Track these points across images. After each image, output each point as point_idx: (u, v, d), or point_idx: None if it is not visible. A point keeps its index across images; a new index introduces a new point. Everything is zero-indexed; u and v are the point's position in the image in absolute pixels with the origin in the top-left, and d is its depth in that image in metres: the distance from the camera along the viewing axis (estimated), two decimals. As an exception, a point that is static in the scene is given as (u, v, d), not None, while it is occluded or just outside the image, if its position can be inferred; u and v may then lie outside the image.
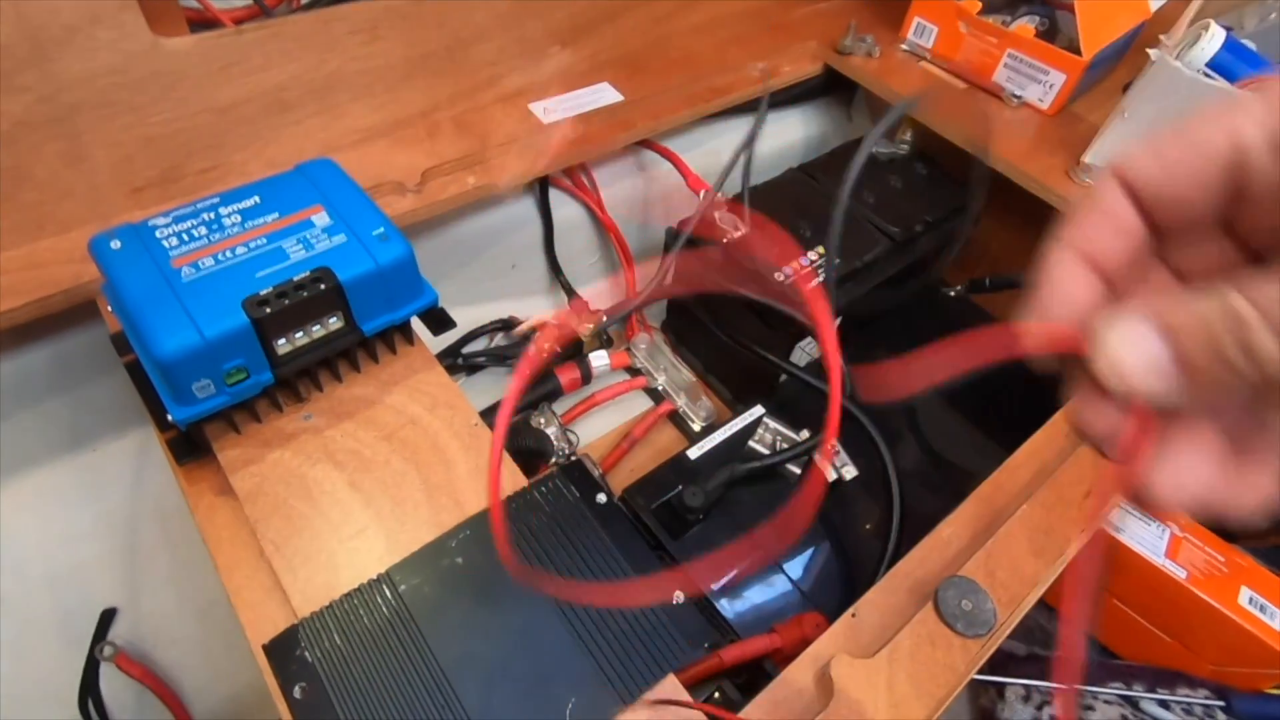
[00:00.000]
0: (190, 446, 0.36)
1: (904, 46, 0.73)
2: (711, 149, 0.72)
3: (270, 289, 0.34)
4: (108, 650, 0.52)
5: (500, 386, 0.64)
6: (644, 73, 0.65)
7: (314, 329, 0.36)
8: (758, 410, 0.58)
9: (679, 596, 0.33)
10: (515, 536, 0.34)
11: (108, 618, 0.52)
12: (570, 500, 0.36)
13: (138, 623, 0.54)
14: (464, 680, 0.29)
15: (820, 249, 0.58)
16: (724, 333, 0.60)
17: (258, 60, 0.45)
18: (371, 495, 0.35)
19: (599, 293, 0.72)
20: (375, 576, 0.32)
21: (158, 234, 0.35)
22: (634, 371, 0.67)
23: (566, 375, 0.62)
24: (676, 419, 0.65)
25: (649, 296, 0.67)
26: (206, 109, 0.45)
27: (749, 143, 0.60)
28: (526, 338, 0.64)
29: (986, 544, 0.37)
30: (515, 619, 0.31)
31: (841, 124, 0.80)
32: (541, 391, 0.61)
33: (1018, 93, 0.67)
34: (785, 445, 0.56)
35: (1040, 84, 0.66)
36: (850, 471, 0.55)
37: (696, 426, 0.64)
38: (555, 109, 0.59)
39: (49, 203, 0.43)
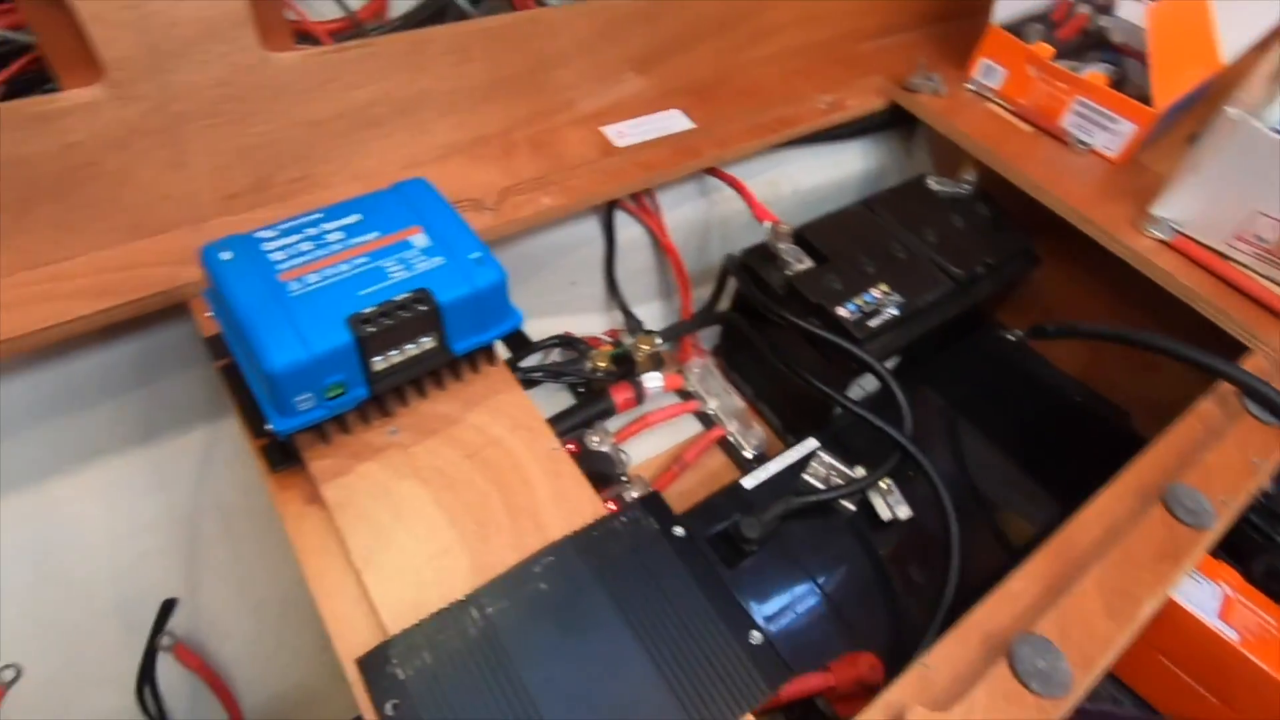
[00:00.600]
0: (283, 455, 0.37)
1: (970, 86, 0.73)
2: (770, 178, 0.73)
3: (373, 308, 0.35)
4: (166, 640, 0.53)
5: (554, 402, 0.65)
6: (713, 101, 0.66)
7: (408, 348, 0.37)
8: (812, 443, 0.59)
9: (756, 637, 0.33)
10: (597, 566, 0.34)
11: (168, 608, 0.54)
12: (650, 532, 0.36)
13: (195, 614, 0.55)
14: (550, 706, 0.30)
15: (884, 286, 0.58)
16: (782, 362, 0.60)
17: (354, 77, 0.46)
18: (455, 514, 0.36)
19: (653, 313, 0.72)
20: (463, 597, 0.33)
21: (264, 246, 0.36)
22: (685, 395, 0.68)
23: (621, 395, 0.62)
24: (726, 445, 0.66)
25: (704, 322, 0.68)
26: (301, 122, 0.46)
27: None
28: (584, 355, 0.65)
29: (1059, 601, 0.37)
30: (599, 648, 0.32)
31: (900, 158, 0.81)
32: (596, 409, 0.62)
33: (1084, 139, 0.67)
34: (839, 480, 0.56)
35: (1109, 132, 0.66)
36: (904, 511, 0.55)
37: (747, 454, 0.64)
38: (627, 133, 0.60)
39: (148, 205, 0.44)
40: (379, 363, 0.36)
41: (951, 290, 0.60)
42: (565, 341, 0.66)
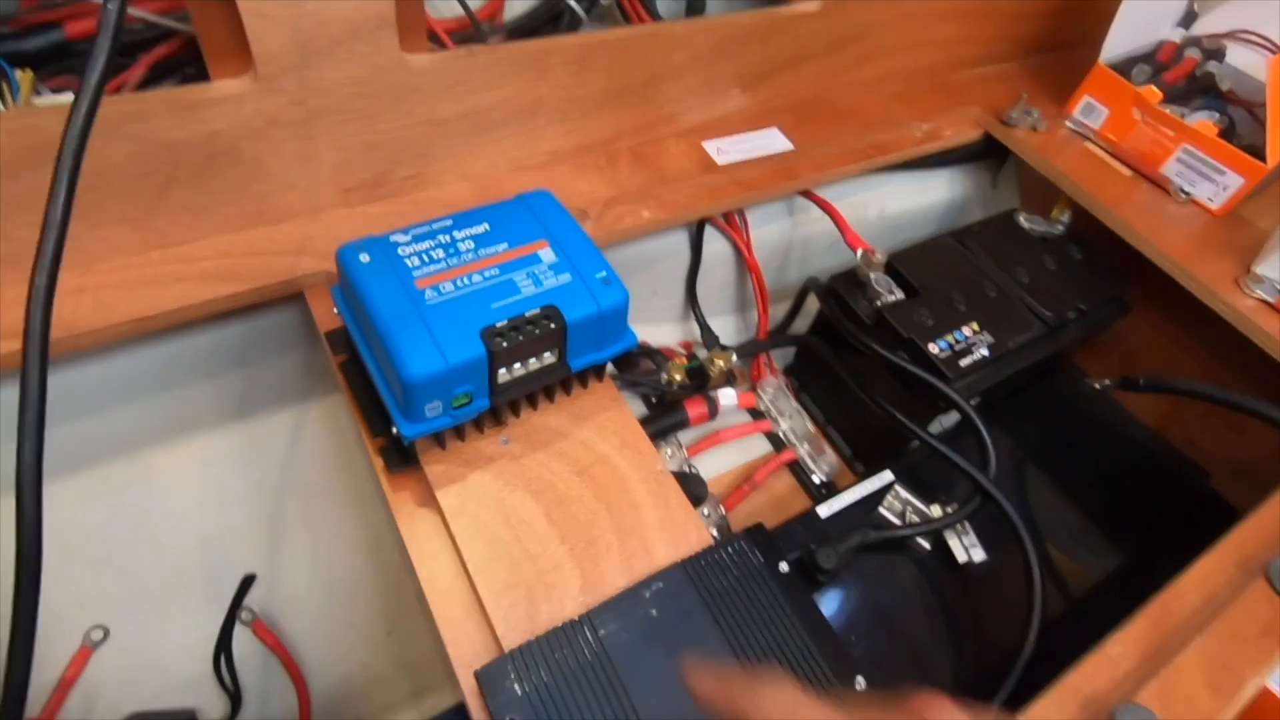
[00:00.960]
0: (402, 457, 0.38)
1: (1069, 124, 0.72)
2: (858, 201, 0.72)
3: (505, 322, 0.35)
4: (245, 615, 0.54)
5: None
6: (812, 120, 0.65)
7: (531, 362, 0.37)
8: (888, 476, 0.58)
9: (861, 683, 0.34)
10: (705, 596, 0.35)
11: (247, 583, 0.55)
12: (755, 565, 0.36)
13: (271, 591, 0.56)
14: (663, 735, 0.30)
15: (975, 324, 0.58)
16: (864, 392, 0.60)
17: (479, 81, 0.47)
18: (566, 530, 0.37)
19: (730, 328, 0.72)
20: (577, 617, 0.33)
21: (400, 251, 0.37)
22: (757, 414, 0.68)
23: (695, 409, 0.63)
24: (795, 468, 0.66)
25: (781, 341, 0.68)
26: (424, 121, 0.47)
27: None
28: (660, 366, 0.65)
29: (1160, 672, 0.36)
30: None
31: (985, 191, 0.79)
32: (670, 422, 0.62)
33: (1187, 189, 0.66)
34: (915, 516, 0.56)
35: (1214, 184, 0.64)
36: (979, 554, 0.55)
37: (816, 479, 0.64)
38: (728, 150, 0.60)
39: (273, 194, 0.45)
40: (503, 375, 0.36)
41: (1041, 334, 0.59)
42: (643, 351, 0.66)
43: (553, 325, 0.36)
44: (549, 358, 0.38)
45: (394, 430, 0.36)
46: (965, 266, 0.63)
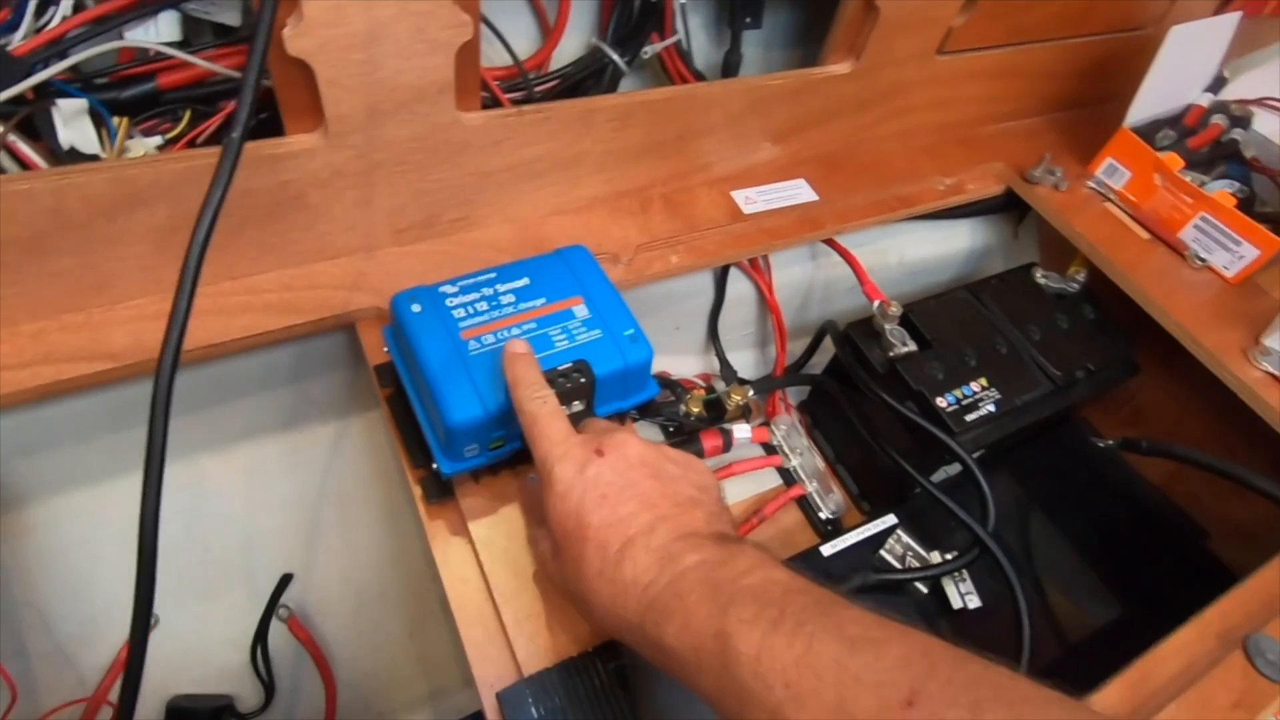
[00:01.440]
0: (439, 489, 0.42)
1: (1091, 184, 0.74)
2: (880, 247, 0.75)
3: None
4: (282, 611, 0.59)
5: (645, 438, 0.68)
6: (838, 172, 0.68)
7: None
8: (891, 519, 0.61)
9: None
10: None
11: (285, 582, 0.59)
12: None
13: (306, 591, 0.61)
14: (663, 764, 0.34)
15: (983, 380, 0.60)
16: (871, 437, 0.62)
17: (526, 137, 0.50)
18: (585, 566, 0.40)
19: (747, 363, 0.76)
20: (591, 649, 0.37)
21: (448, 302, 0.41)
22: (769, 449, 0.71)
23: (710, 441, 0.66)
24: (803, 503, 0.68)
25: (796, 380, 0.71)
26: (474, 172, 0.51)
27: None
28: (679, 398, 0.68)
29: (1133, 736, 0.39)
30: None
31: (1007, 241, 0.82)
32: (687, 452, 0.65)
33: (1203, 255, 0.67)
34: (915, 561, 0.59)
35: (1230, 253, 0.66)
36: (975, 601, 0.57)
37: (823, 515, 0.67)
38: (755, 200, 0.63)
39: (333, 234, 0.49)
40: (535, 421, 0.40)
41: (1049, 392, 0.61)
42: (663, 382, 0.70)
43: (583, 379, 0.39)
44: (578, 406, 0.41)
45: (434, 465, 0.39)
46: (979, 321, 0.65)
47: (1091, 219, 0.71)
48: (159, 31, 0.44)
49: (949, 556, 0.58)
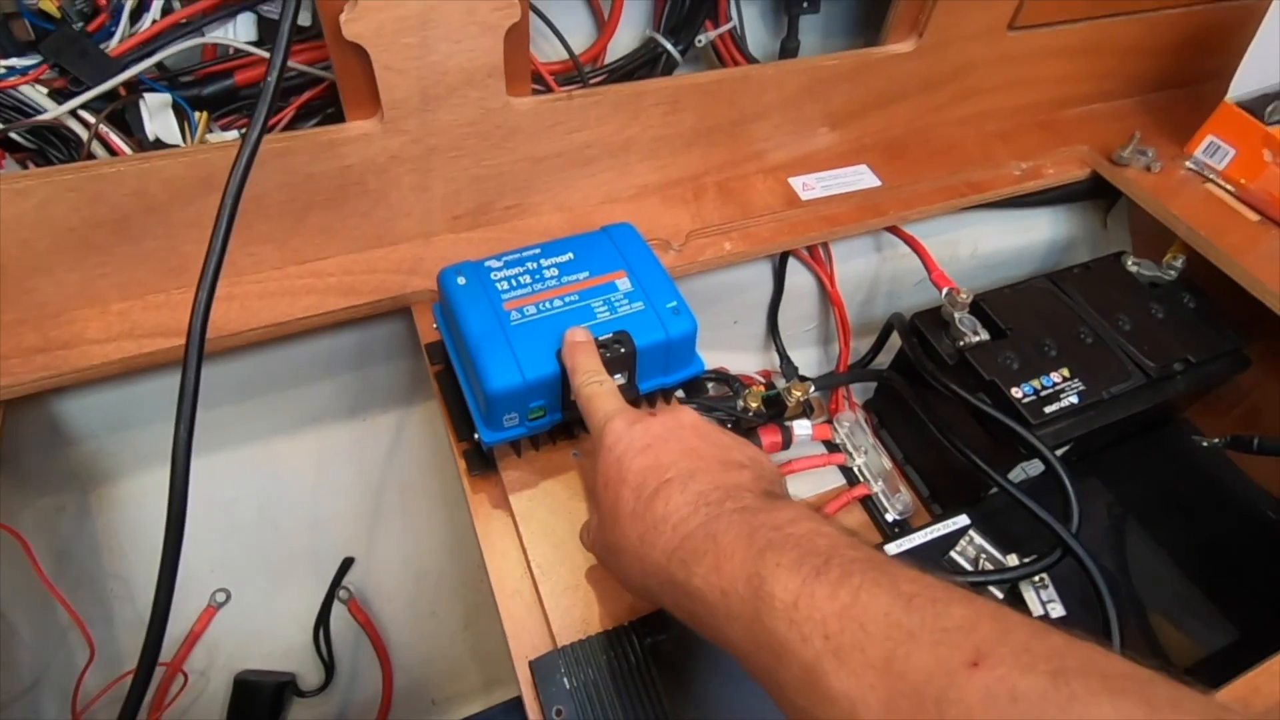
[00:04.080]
0: (482, 461, 0.42)
1: (1189, 164, 0.68)
2: (950, 238, 0.71)
3: (580, 344, 0.38)
4: (343, 594, 0.60)
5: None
6: (903, 159, 0.65)
7: (603, 382, 0.40)
8: (963, 520, 0.57)
9: None
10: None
11: (347, 565, 0.61)
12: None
13: (366, 574, 0.62)
14: (697, 744, 0.32)
15: (1065, 370, 0.56)
16: (942, 433, 0.59)
17: (577, 121, 0.51)
18: (624, 542, 0.39)
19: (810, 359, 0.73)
20: (627, 623, 0.36)
21: (492, 275, 0.41)
22: (832, 446, 0.68)
23: (769, 437, 0.64)
24: (868, 504, 0.65)
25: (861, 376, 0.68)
26: (526, 158, 0.52)
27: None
28: (737, 393, 0.66)
29: (1239, 752, 0.34)
30: (747, 699, 0.34)
31: (1094, 231, 0.76)
32: (743, 448, 0.63)
33: (1324, 236, 0.61)
34: (989, 564, 0.54)
35: (1356, 233, 0.59)
36: (1058, 609, 0.53)
37: (890, 517, 0.64)
38: (814, 186, 0.62)
39: (391, 220, 0.51)
40: (576, 392, 0.40)
41: (1142, 385, 0.56)
42: (720, 377, 0.68)
43: (623, 349, 0.39)
44: (619, 379, 0.41)
45: (475, 436, 0.40)
46: (1059, 310, 0.61)
47: (1191, 201, 0.65)
48: (237, 32, 0.47)
49: (1025, 561, 0.53)
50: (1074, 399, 0.54)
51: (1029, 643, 0.22)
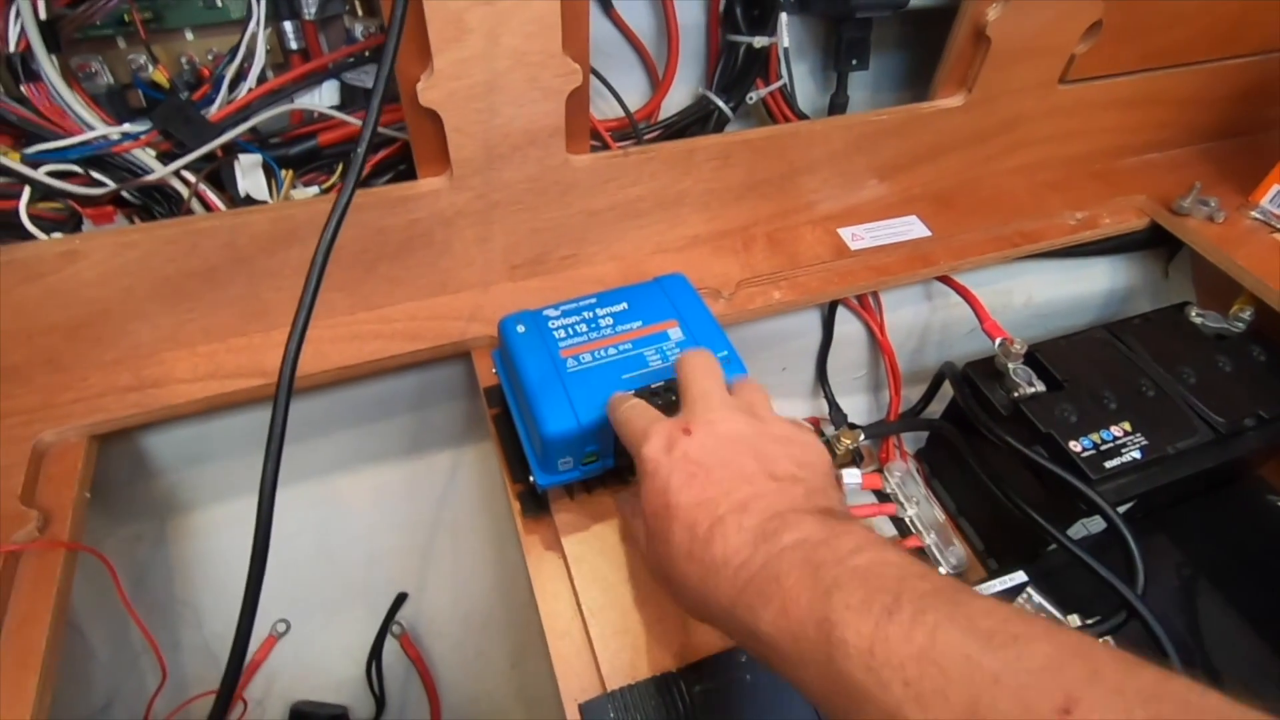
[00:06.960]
0: (536, 504, 0.43)
1: (1254, 214, 0.66)
2: (1004, 287, 0.71)
3: (633, 391, 0.40)
4: (396, 629, 0.62)
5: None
6: (953, 209, 0.66)
7: (653, 429, 0.41)
8: (1020, 576, 0.55)
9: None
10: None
11: (400, 600, 0.63)
12: (854, 646, 0.37)
13: (419, 611, 0.64)
14: (745, 798, 0.32)
15: (1126, 424, 0.54)
16: (997, 486, 0.58)
17: (631, 177, 0.53)
18: (673, 587, 0.40)
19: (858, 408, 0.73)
20: (674, 670, 0.36)
21: (550, 324, 0.43)
22: (883, 496, 0.67)
23: (817, 485, 0.63)
24: (921, 556, 0.64)
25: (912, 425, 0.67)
26: (581, 211, 0.54)
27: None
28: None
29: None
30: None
31: (1155, 281, 0.74)
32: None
33: (1404, 289, 0.58)
34: (1048, 624, 0.52)
35: None
36: (1123, 675, 0.50)
37: (942, 570, 0.62)
38: (863, 236, 0.62)
39: (454, 269, 0.54)
40: (628, 438, 0.41)
41: (1210, 440, 0.54)
42: (769, 423, 0.68)
43: (673, 397, 0.40)
44: (670, 426, 0.42)
45: (531, 479, 0.41)
46: (1118, 362, 0.59)
47: (1258, 251, 0.63)
48: (322, 98, 0.51)
49: (1089, 623, 0.51)
50: (1136, 454, 0.53)
51: (1121, 684, 0.21)
